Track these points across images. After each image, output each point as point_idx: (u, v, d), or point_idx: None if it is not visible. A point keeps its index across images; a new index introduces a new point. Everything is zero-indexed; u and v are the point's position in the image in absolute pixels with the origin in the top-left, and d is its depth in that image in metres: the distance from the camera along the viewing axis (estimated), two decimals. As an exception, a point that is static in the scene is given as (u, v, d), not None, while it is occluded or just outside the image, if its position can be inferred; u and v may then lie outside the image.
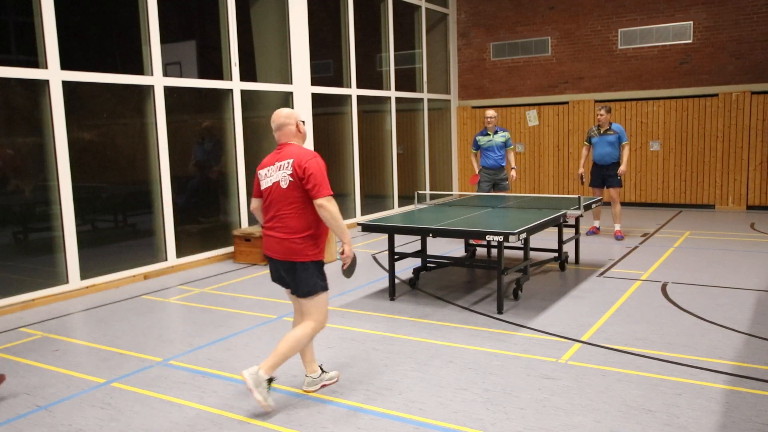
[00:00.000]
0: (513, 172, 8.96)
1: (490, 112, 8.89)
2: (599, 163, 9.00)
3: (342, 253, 3.75)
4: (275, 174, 3.75)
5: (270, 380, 3.68)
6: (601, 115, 8.83)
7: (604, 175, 8.97)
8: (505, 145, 8.86)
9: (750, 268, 7.08)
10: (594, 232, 9.29)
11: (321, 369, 4.08)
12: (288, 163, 3.71)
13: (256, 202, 3.93)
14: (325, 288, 3.80)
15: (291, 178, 3.67)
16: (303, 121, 3.97)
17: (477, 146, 8.98)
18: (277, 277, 3.93)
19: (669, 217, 11.01)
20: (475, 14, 13.81)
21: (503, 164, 8.93)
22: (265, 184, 3.81)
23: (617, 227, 9.03)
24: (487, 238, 5.38)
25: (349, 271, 3.86)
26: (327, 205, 3.62)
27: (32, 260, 6.94)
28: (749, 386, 3.93)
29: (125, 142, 8.01)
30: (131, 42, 7.74)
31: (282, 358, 3.71)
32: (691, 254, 7.90)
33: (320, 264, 3.79)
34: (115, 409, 3.87)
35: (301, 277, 3.73)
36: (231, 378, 4.30)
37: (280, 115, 3.86)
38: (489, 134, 8.85)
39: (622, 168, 8.88)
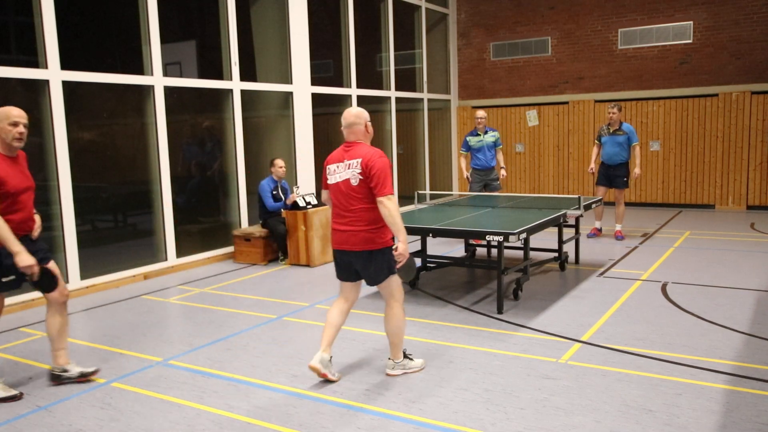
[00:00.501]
0: (502, 172, 8.92)
1: (481, 113, 8.84)
2: (607, 163, 8.93)
3: (396, 250, 3.98)
4: (344, 172, 4.00)
5: (405, 354, 4.26)
6: (613, 113, 8.71)
7: (610, 174, 8.92)
8: (494, 144, 8.83)
9: (750, 268, 7.08)
10: (595, 234, 9.16)
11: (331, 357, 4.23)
12: (357, 162, 3.95)
13: (327, 194, 4.20)
14: (394, 270, 4.08)
15: (360, 177, 3.93)
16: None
17: (467, 147, 8.91)
18: (344, 271, 4.17)
19: (669, 217, 11.01)
20: (475, 14, 13.81)
21: (493, 164, 8.90)
22: (333, 179, 4.06)
23: (618, 227, 8.99)
24: (487, 238, 5.38)
25: (404, 271, 4.12)
26: (387, 203, 3.87)
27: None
28: (749, 386, 3.92)
29: (125, 142, 8.01)
30: (131, 42, 7.74)
31: (399, 344, 4.21)
32: (691, 254, 7.90)
33: (390, 249, 4.05)
34: (115, 409, 3.87)
35: (377, 262, 4.00)
36: (231, 378, 4.30)
37: (351, 114, 4.06)
38: (479, 134, 8.82)
39: (637, 171, 8.85)
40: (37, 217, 4.19)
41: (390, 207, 3.86)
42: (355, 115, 4.05)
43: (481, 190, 8.91)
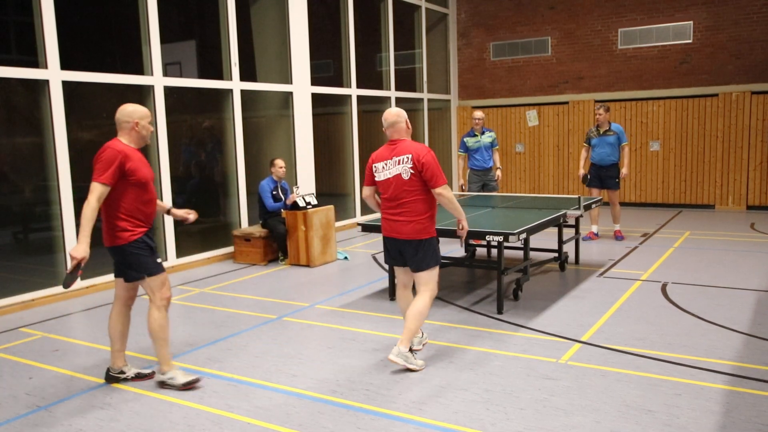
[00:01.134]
0: (498, 172, 8.87)
1: (479, 114, 8.79)
2: (598, 164, 8.87)
3: (461, 228, 4.55)
4: (394, 168, 4.29)
5: (411, 350, 4.36)
6: (600, 114, 8.70)
7: (602, 176, 8.86)
8: (492, 145, 8.81)
9: (750, 268, 7.08)
10: (590, 237, 9.00)
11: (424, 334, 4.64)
12: (407, 157, 4.24)
13: (368, 190, 4.53)
14: (439, 262, 4.44)
15: (412, 171, 4.22)
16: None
17: (465, 148, 8.87)
18: (394, 256, 4.50)
19: (669, 217, 11.02)
20: (475, 14, 13.81)
21: (491, 165, 8.88)
22: (383, 176, 4.35)
23: (617, 227, 8.97)
24: (487, 238, 5.39)
25: (466, 242, 4.63)
26: (444, 192, 4.24)
27: (32, 260, 6.93)
28: (749, 386, 3.93)
29: (125, 142, 8.00)
30: (131, 42, 7.74)
31: (414, 331, 4.31)
32: (691, 254, 7.90)
33: (437, 240, 4.44)
34: (115, 409, 3.88)
35: (426, 251, 4.32)
36: (231, 378, 4.30)
37: (392, 114, 4.38)
38: (476, 135, 8.79)
39: (624, 171, 8.78)
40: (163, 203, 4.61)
41: (448, 195, 4.25)
42: (395, 114, 4.36)
43: (479, 191, 8.91)
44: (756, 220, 10.45)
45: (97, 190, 3.92)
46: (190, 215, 4.49)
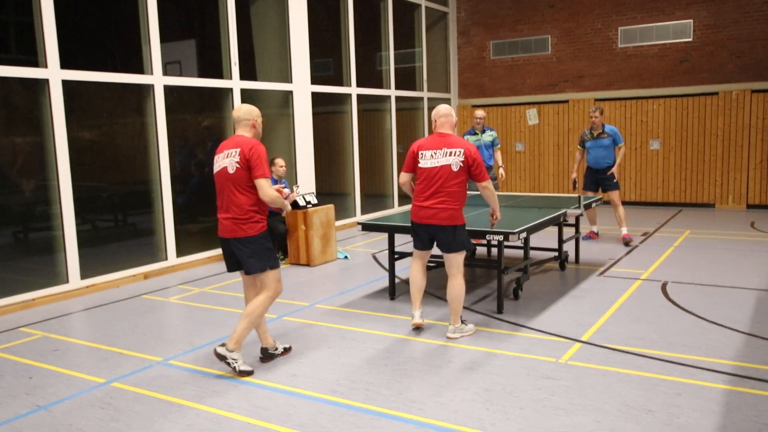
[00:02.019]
0: (501, 171, 8.76)
1: (480, 113, 8.70)
2: (593, 167, 8.69)
3: (495, 218, 5.06)
4: (444, 158, 4.75)
5: (463, 320, 5.00)
6: (596, 117, 8.47)
7: (598, 179, 8.69)
8: (492, 144, 8.75)
9: (750, 267, 7.07)
10: (591, 237, 8.93)
11: (462, 320, 5.05)
12: (460, 151, 4.73)
13: (407, 176, 5.01)
14: (467, 247, 4.94)
15: (461, 164, 4.72)
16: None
17: None
18: (424, 242, 4.99)
19: (669, 216, 11.01)
20: (475, 13, 13.80)
21: (491, 164, 8.80)
22: (429, 163, 4.79)
23: (624, 230, 8.63)
24: (487, 237, 5.38)
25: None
26: (489, 186, 4.83)
27: (32, 260, 6.94)
28: (749, 386, 3.93)
29: (125, 142, 8.00)
30: (131, 41, 7.73)
31: (458, 311, 4.90)
32: (691, 253, 7.90)
33: (465, 227, 4.93)
34: (115, 409, 3.88)
35: (460, 235, 4.82)
36: (231, 378, 4.30)
37: (445, 108, 4.96)
38: (477, 134, 8.75)
39: (613, 169, 8.55)
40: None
41: (491, 188, 4.85)
42: (449, 109, 4.96)
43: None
44: (756, 219, 10.44)
45: (268, 183, 4.25)
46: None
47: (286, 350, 4.79)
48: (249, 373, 4.32)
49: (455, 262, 4.86)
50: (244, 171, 4.21)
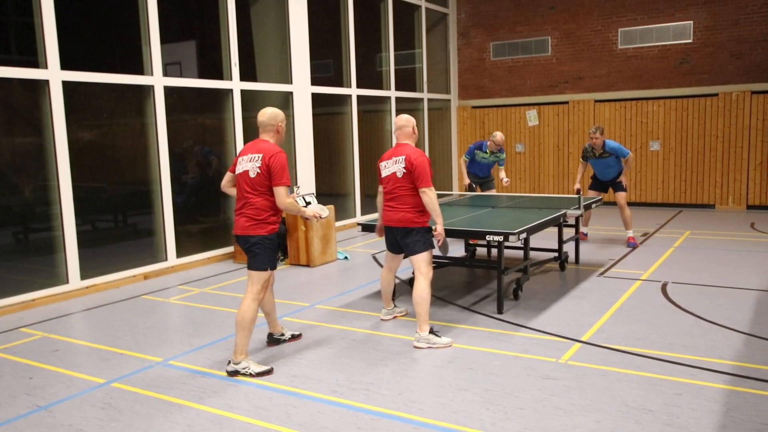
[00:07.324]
0: (505, 180, 8.56)
1: (500, 137, 8.49)
2: (601, 179, 8.67)
3: (436, 231, 4.91)
4: (393, 166, 4.94)
5: (431, 330, 4.83)
6: (596, 138, 8.21)
7: (606, 185, 8.66)
8: (498, 163, 8.76)
9: (750, 267, 7.07)
10: (579, 237, 8.55)
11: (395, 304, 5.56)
12: (402, 158, 4.88)
13: (380, 187, 5.17)
14: (429, 247, 4.95)
15: (405, 170, 4.86)
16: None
17: (471, 156, 8.72)
18: (391, 242, 5.17)
19: (669, 217, 11.01)
20: (475, 14, 13.81)
21: (488, 174, 8.98)
22: (384, 173, 5.03)
23: (630, 233, 8.57)
24: (487, 238, 5.39)
25: (443, 248, 5.19)
26: (428, 192, 4.81)
27: (32, 260, 6.93)
28: (749, 386, 3.93)
29: (125, 142, 8.01)
30: (131, 42, 7.74)
31: (423, 315, 4.79)
32: (691, 254, 7.90)
33: (428, 229, 4.96)
34: (115, 409, 3.88)
35: (414, 238, 4.89)
36: (231, 378, 4.30)
37: (401, 119, 5.10)
38: (487, 153, 8.69)
39: (622, 177, 8.49)
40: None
41: (430, 196, 4.80)
42: (405, 119, 5.07)
43: (476, 190, 8.97)
44: (756, 220, 10.44)
45: (286, 191, 4.36)
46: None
47: (294, 337, 4.96)
48: (268, 372, 4.35)
49: (416, 263, 4.92)
50: (265, 177, 4.32)
